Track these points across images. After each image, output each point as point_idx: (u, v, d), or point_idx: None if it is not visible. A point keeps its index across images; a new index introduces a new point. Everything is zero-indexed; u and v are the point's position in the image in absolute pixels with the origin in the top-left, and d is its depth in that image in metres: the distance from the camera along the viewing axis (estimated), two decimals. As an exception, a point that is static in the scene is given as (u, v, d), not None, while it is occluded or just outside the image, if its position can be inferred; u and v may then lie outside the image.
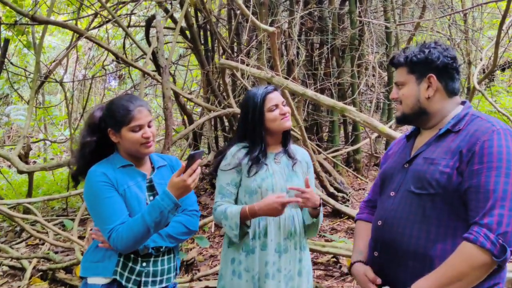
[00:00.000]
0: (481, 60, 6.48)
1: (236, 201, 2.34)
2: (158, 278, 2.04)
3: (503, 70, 11.69)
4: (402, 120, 1.83)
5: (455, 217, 1.58)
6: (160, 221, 1.86)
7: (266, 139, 2.30)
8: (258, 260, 2.20)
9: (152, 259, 2.03)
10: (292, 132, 5.83)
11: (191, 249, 4.82)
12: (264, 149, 2.29)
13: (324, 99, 4.40)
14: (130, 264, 1.97)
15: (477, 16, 9.12)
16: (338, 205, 5.36)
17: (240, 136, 2.36)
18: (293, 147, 2.44)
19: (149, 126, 2.03)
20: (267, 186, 2.22)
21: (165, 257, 2.08)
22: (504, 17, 4.59)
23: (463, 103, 1.78)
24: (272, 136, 2.32)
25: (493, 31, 9.66)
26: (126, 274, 1.97)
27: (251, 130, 2.28)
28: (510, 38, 6.95)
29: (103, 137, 2.07)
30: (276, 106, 2.27)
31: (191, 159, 1.84)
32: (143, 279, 1.99)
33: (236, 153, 2.30)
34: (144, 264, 2.00)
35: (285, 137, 2.39)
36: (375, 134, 7.11)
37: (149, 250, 1.98)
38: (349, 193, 5.92)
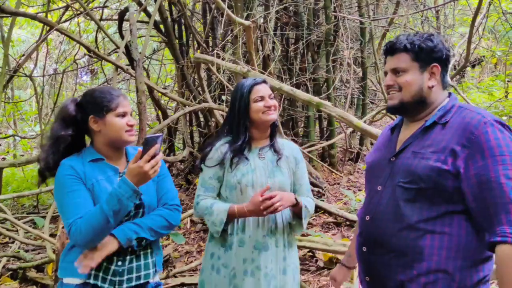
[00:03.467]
0: (453, 56, 6.59)
1: (218, 196, 2.31)
2: (135, 275, 1.99)
3: (473, 66, 11.95)
4: (397, 109, 1.76)
5: (443, 211, 1.57)
6: (119, 209, 1.80)
7: (251, 131, 2.27)
8: (235, 256, 2.17)
9: (128, 257, 1.97)
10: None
11: (166, 246, 4.77)
12: (248, 141, 2.25)
13: (300, 94, 4.40)
14: (104, 264, 1.92)
15: (448, 13, 9.29)
16: (314, 200, 5.38)
17: (227, 128, 2.32)
18: (281, 142, 2.38)
19: (131, 115, 2.02)
20: (246, 182, 2.18)
21: (141, 253, 2.03)
22: (476, 14, 4.67)
23: (449, 95, 1.76)
24: (257, 128, 2.28)
25: (464, 28, 9.86)
26: (101, 274, 1.92)
27: (236, 120, 2.24)
28: (481, 35, 7.09)
29: (78, 130, 2.01)
30: (262, 98, 2.24)
31: (146, 145, 1.77)
32: (118, 278, 1.94)
33: (220, 147, 2.26)
34: (119, 263, 1.95)
35: (272, 131, 2.35)
36: (350, 129, 7.17)
37: (132, 242, 1.91)
38: (325, 187, 5.96)
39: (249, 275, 2.14)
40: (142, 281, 2.01)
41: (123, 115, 1.97)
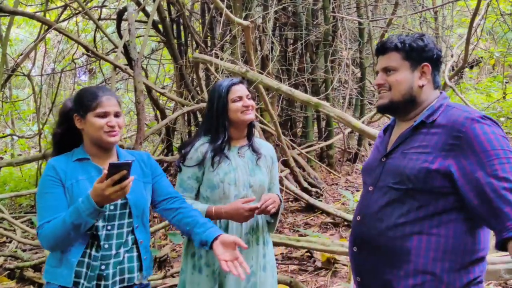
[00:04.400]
0: (451, 57, 6.60)
1: (197, 196, 2.32)
2: (118, 278, 1.97)
3: (471, 67, 11.97)
4: (387, 108, 1.76)
5: (432, 212, 1.57)
6: (79, 224, 1.77)
7: (229, 131, 2.29)
8: None
9: (111, 260, 1.95)
10: (266, 127, 5.83)
11: (164, 246, 4.76)
12: (228, 140, 2.27)
13: (299, 94, 4.40)
14: (86, 271, 1.91)
15: (447, 14, 9.30)
16: (312, 200, 5.39)
17: (205, 128, 2.33)
18: (257, 141, 2.42)
19: (116, 116, 1.97)
20: (229, 181, 2.20)
21: (126, 256, 2.01)
22: (474, 15, 4.68)
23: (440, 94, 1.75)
24: (236, 128, 2.30)
25: (462, 29, 9.88)
26: (83, 281, 1.90)
27: (215, 120, 2.26)
28: (479, 37, 7.10)
29: (70, 127, 2.01)
30: (240, 98, 2.25)
31: (111, 169, 1.70)
32: (102, 283, 1.93)
33: (199, 147, 2.27)
34: (103, 267, 1.93)
35: (250, 131, 2.38)
36: (348, 130, 7.18)
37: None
38: (323, 188, 5.96)
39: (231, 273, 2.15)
40: (125, 284, 1.99)
41: (103, 115, 1.94)
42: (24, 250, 4.94)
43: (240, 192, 2.22)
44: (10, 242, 5.23)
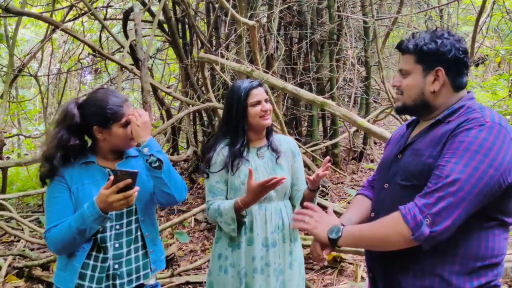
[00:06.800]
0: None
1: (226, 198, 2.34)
2: (134, 276, 2.00)
3: (476, 65, 11.92)
4: (402, 111, 1.73)
5: None
6: (84, 229, 1.80)
7: (248, 134, 2.29)
8: (245, 255, 2.20)
9: (124, 259, 1.98)
10: (271, 126, 5.83)
11: (171, 245, 4.79)
12: (247, 143, 2.28)
13: (304, 93, 4.41)
14: (92, 274, 1.94)
15: (452, 12, 9.27)
16: (318, 199, 5.39)
17: (225, 130, 2.33)
18: (277, 138, 2.41)
19: None
20: None
21: (140, 253, 2.03)
22: (480, 13, 4.67)
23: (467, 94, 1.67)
24: (254, 131, 2.31)
25: (468, 27, 9.85)
26: (88, 284, 1.93)
27: (234, 123, 2.26)
28: (485, 34, 7.08)
29: (82, 135, 2.02)
30: (259, 102, 2.26)
31: (116, 177, 1.72)
32: (118, 281, 1.95)
33: (221, 151, 2.28)
34: (116, 266, 1.95)
35: (268, 131, 2.38)
36: (354, 128, 7.17)
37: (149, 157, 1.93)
38: (328, 186, 5.97)
39: (259, 273, 2.18)
40: (140, 282, 2.03)
41: (127, 124, 1.98)
42: (32, 249, 4.98)
43: None
44: (18, 241, 5.28)
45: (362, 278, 3.90)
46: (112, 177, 1.74)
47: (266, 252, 2.20)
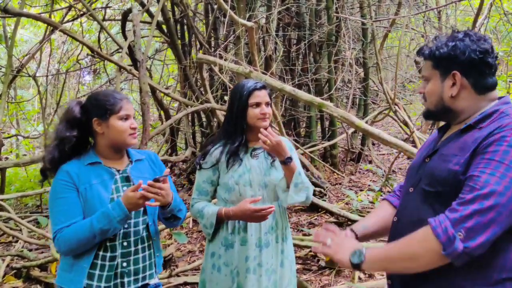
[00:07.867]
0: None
1: (215, 197, 2.36)
2: (141, 275, 2.02)
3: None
4: (428, 116, 1.68)
5: None
6: (108, 229, 1.85)
7: (247, 134, 2.31)
8: (238, 254, 2.22)
9: (131, 257, 2.00)
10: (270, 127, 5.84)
11: (169, 245, 4.79)
12: (245, 142, 2.30)
13: (302, 94, 4.42)
14: (100, 274, 1.95)
15: (450, 13, 9.29)
16: (316, 200, 5.41)
17: (225, 129, 2.35)
18: None
19: (133, 118, 2.06)
20: (244, 182, 2.23)
21: (146, 253, 2.06)
22: (477, 15, 4.69)
23: (500, 99, 1.58)
24: (252, 132, 2.31)
25: (466, 28, 9.85)
26: (96, 283, 1.94)
27: (234, 122, 2.28)
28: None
29: (82, 132, 2.03)
30: (258, 104, 2.26)
31: (158, 181, 1.90)
32: (126, 279, 1.97)
33: (214, 151, 2.30)
34: (124, 264, 1.97)
35: None
36: (352, 130, 7.19)
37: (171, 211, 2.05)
38: (326, 187, 5.98)
39: (251, 273, 2.19)
40: (145, 282, 2.05)
41: (126, 118, 2.00)
42: (30, 250, 4.97)
43: (256, 192, 2.24)
44: (16, 241, 5.27)
45: (360, 279, 3.90)
46: (141, 181, 1.87)
47: (259, 253, 2.22)
